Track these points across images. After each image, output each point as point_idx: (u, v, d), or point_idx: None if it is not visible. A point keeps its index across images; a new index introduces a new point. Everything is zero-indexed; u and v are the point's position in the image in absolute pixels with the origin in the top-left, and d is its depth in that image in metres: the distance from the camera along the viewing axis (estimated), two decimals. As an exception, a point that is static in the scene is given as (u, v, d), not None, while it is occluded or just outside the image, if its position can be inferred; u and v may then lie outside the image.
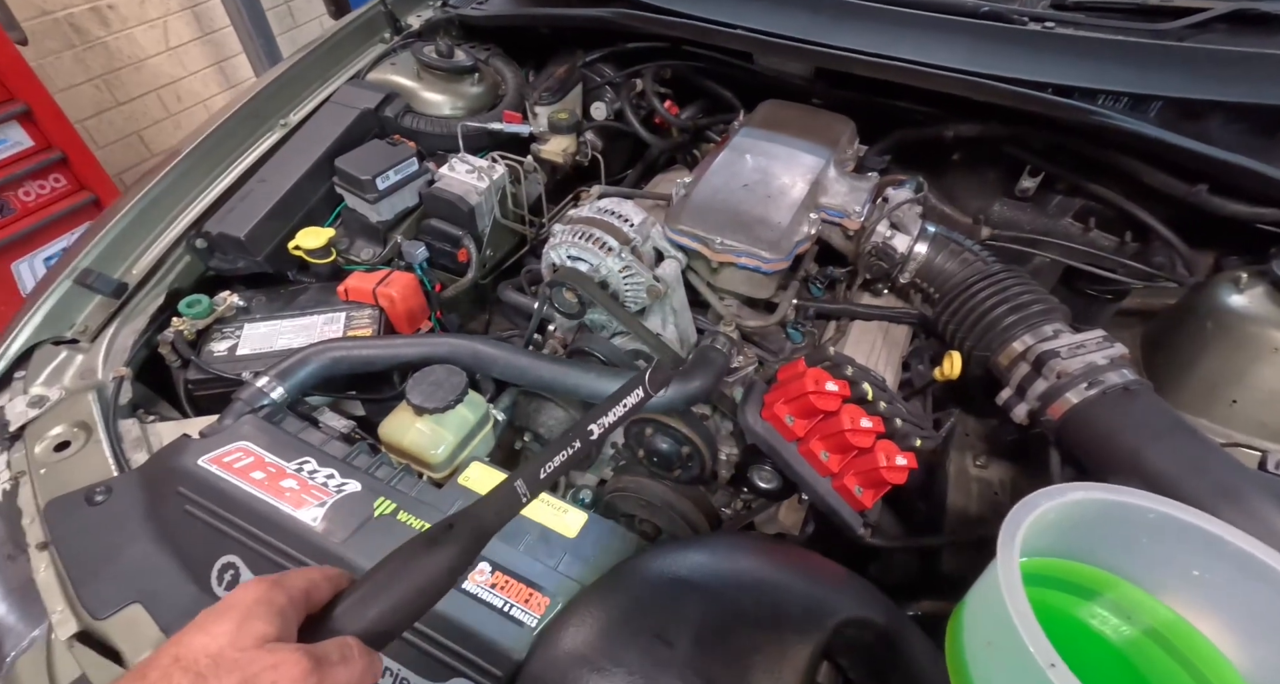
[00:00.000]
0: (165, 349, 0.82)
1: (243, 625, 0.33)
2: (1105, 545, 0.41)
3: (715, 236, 0.78)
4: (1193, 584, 0.38)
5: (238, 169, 0.96)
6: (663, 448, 0.89)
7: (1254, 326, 0.71)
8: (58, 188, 1.68)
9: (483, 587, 0.56)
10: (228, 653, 0.32)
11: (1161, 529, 0.39)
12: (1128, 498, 0.39)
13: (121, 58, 2.18)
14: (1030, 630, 0.32)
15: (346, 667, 0.34)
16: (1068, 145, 0.94)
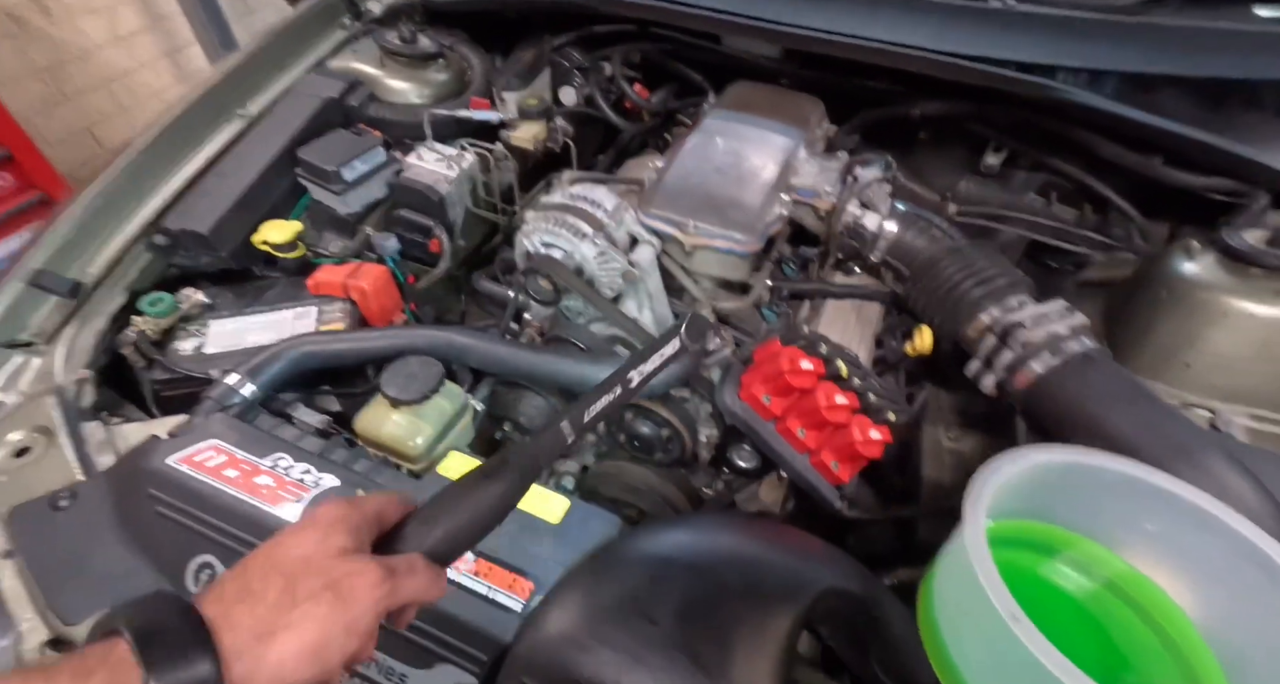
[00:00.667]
0: (128, 350, 0.80)
1: (326, 538, 0.37)
2: (1067, 505, 0.43)
3: (688, 220, 0.78)
4: (1148, 538, 0.40)
5: (195, 162, 0.92)
6: (643, 432, 0.90)
7: (1204, 293, 0.74)
8: (4, 187, 1.61)
9: (466, 574, 0.57)
10: (314, 559, 0.36)
11: (1118, 487, 0.40)
12: (1086, 458, 0.41)
13: (67, 49, 2.08)
14: (994, 586, 0.33)
15: (414, 578, 0.38)
16: (1030, 121, 0.96)
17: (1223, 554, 0.37)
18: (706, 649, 0.51)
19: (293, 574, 0.35)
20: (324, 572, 0.35)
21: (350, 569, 0.36)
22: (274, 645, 0.33)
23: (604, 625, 0.52)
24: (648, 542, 0.58)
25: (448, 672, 0.53)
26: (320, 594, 0.34)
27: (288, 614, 0.34)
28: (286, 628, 0.33)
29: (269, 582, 0.35)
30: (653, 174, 0.86)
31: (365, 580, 0.36)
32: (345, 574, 0.36)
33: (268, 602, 0.34)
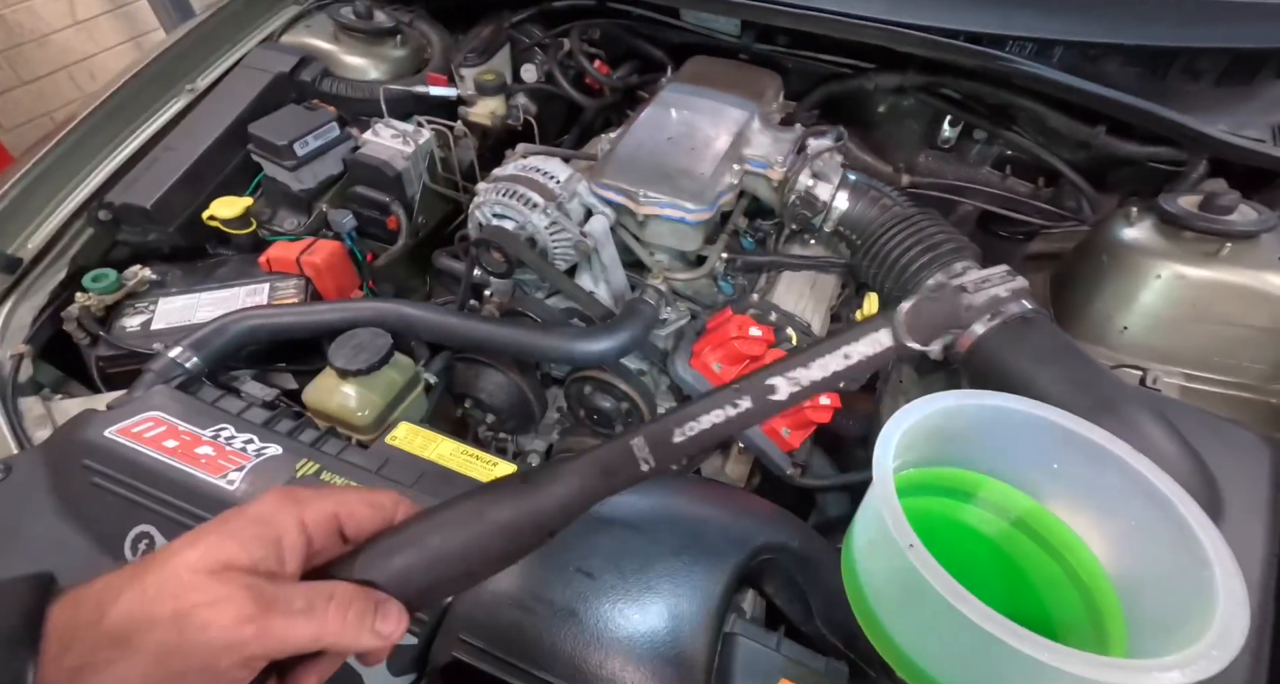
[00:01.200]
0: (71, 326, 0.78)
1: (215, 544, 0.29)
2: (979, 449, 0.44)
3: (639, 189, 0.78)
4: (1053, 477, 0.42)
5: (141, 136, 0.91)
6: (603, 406, 0.90)
7: (1141, 256, 0.76)
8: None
9: (407, 536, 0.57)
10: (179, 573, 0.29)
11: (1025, 428, 0.42)
12: (994, 400, 0.42)
13: (22, 33, 2.03)
14: (895, 518, 0.34)
15: (307, 619, 0.29)
16: (982, 94, 0.97)
17: (1120, 490, 0.38)
18: (642, 603, 0.51)
19: (144, 593, 0.28)
20: (175, 595, 0.28)
21: (210, 596, 0.28)
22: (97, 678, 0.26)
23: (541, 583, 0.52)
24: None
25: (387, 632, 0.53)
26: (157, 624, 0.27)
27: (110, 650, 0.27)
28: (106, 664, 0.27)
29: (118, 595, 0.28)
30: (606, 145, 0.86)
31: (221, 614, 0.27)
32: (200, 601, 0.27)
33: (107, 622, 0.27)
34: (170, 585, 0.28)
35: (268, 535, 0.30)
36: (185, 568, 0.29)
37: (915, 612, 0.37)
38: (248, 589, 0.28)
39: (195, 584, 0.28)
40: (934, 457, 0.44)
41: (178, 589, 0.28)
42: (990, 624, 0.31)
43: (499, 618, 0.51)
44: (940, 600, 0.31)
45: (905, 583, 0.35)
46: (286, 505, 0.32)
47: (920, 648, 0.37)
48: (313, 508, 0.32)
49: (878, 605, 0.39)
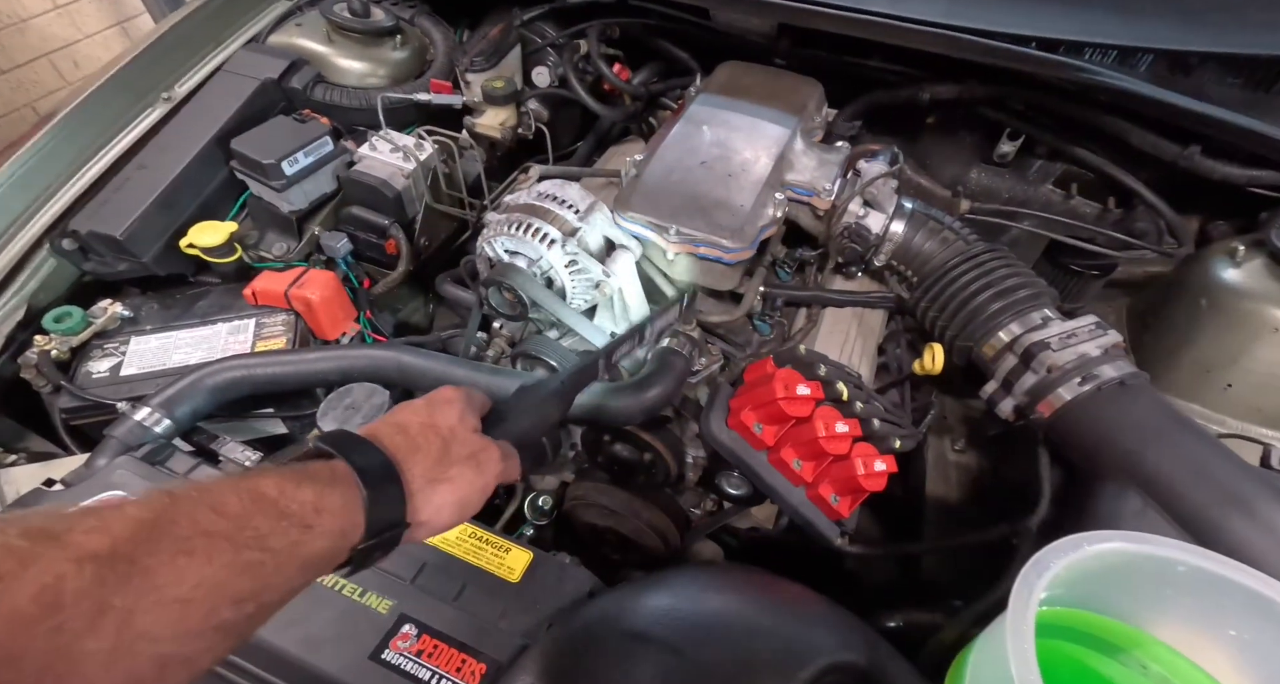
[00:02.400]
0: (30, 373, 0.70)
1: (464, 416, 0.45)
2: (1129, 597, 0.35)
3: (670, 223, 0.69)
4: (1229, 643, 0.33)
5: (110, 153, 0.81)
6: (624, 456, 0.81)
7: (1251, 303, 0.66)
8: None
9: (407, 655, 0.48)
10: (459, 431, 0.43)
11: (1193, 583, 0.32)
12: (1153, 549, 0.33)
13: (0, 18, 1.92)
14: None
15: (512, 462, 0.47)
16: (1050, 106, 0.86)
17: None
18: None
19: (446, 439, 0.42)
20: (467, 443, 0.43)
21: (484, 445, 0.44)
22: (437, 491, 0.40)
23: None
24: (619, 612, 0.50)
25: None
26: (468, 460, 0.42)
27: (447, 470, 0.41)
28: (447, 481, 0.41)
29: (429, 441, 0.41)
30: (631, 169, 0.76)
31: (493, 457, 0.44)
32: (481, 448, 0.44)
33: (433, 456, 0.41)
34: (459, 437, 0.43)
35: (473, 409, 0.46)
36: (462, 428, 0.44)
37: None
38: (497, 446, 0.45)
39: (475, 438, 0.44)
40: (1078, 598, 0.36)
41: (465, 440, 0.43)
42: None
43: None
44: None
45: None
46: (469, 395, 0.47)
47: None
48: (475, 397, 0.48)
49: None
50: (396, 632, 0.49)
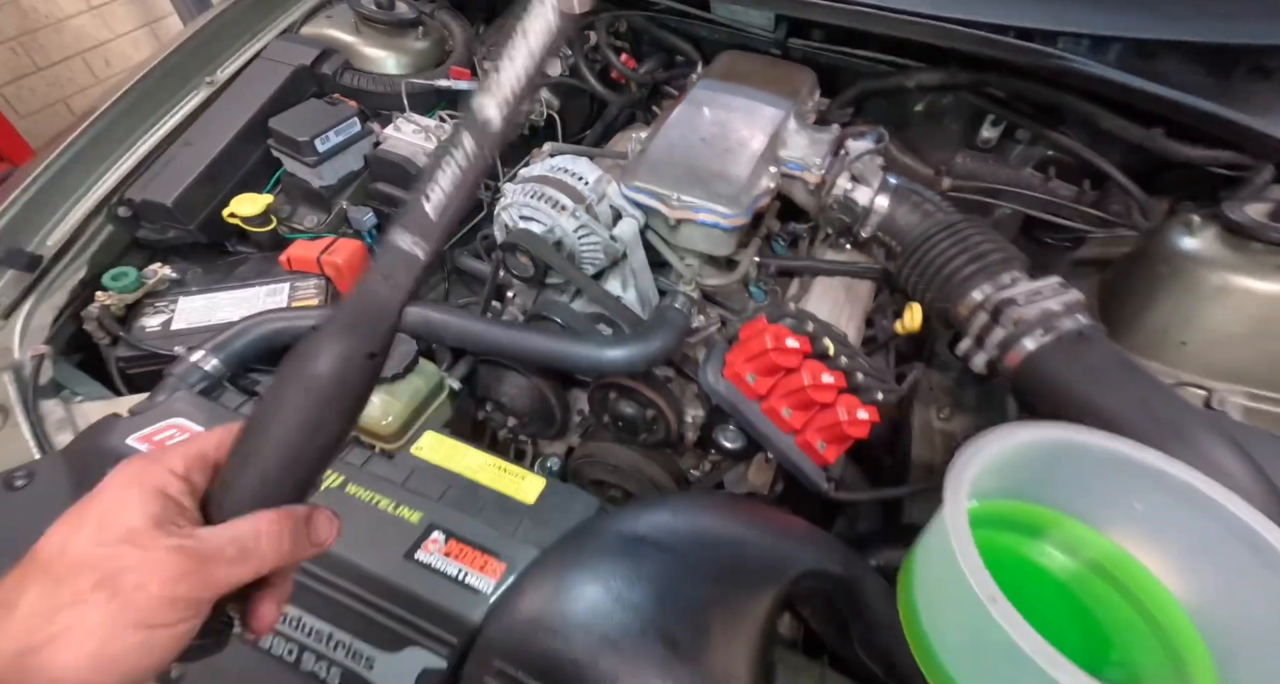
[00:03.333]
0: (91, 326, 0.77)
1: (106, 517, 0.29)
2: (1053, 484, 0.41)
3: (672, 193, 0.75)
4: (1135, 518, 0.39)
5: (160, 131, 0.89)
6: (627, 412, 0.88)
7: (1204, 268, 0.72)
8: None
9: (436, 555, 0.55)
10: (85, 551, 0.28)
11: (1105, 465, 0.39)
12: (1072, 435, 0.39)
13: (37, 18, 2.01)
14: (973, 568, 0.31)
15: (244, 564, 0.30)
16: (1028, 93, 0.93)
17: (1212, 533, 0.36)
18: (682, 632, 0.49)
19: (56, 575, 0.28)
20: (95, 566, 0.28)
21: (130, 562, 0.28)
22: (37, 663, 0.27)
23: (577, 608, 0.50)
24: (624, 523, 0.57)
25: (416, 655, 0.51)
26: (89, 597, 0.27)
27: (48, 624, 0.27)
28: (49, 642, 0.27)
29: (25, 588, 0.28)
30: (636, 145, 0.82)
31: (155, 576, 0.28)
32: (124, 568, 0.28)
33: (20, 612, 0.27)
34: (83, 563, 0.28)
35: (145, 494, 0.30)
36: (93, 544, 0.28)
37: (991, 666, 0.35)
38: (170, 548, 0.29)
39: (112, 554, 0.28)
40: (1003, 489, 0.42)
41: (92, 563, 0.28)
42: None
43: (534, 645, 0.49)
44: (1028, 663, 0.29)
45: (981, 635, 0.33)
46: (146, 464, 0.32)
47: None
48: (173, 455, 0.32)
49: (944, 654, 0.36)
50: (426, 537, 0.56)
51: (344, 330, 0.33)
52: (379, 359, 0.34)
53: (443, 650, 0.51)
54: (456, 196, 0.33)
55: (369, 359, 0.33)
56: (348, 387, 0.33)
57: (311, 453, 0.33)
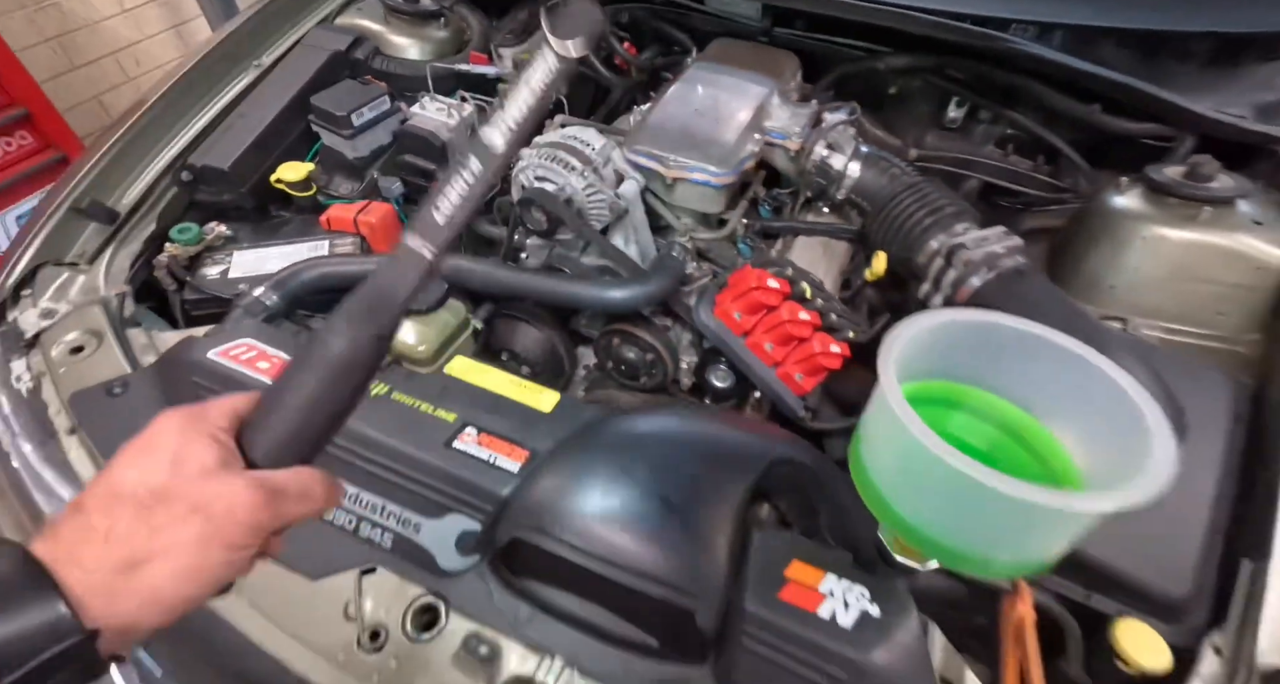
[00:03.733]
0: (161, 272, 0.88)
1: (179, 457, 0.33)
2: (973, 364, 0.51)
3: (669, 155, 0.86)
4: (1043, 391, 0.49)
5: (216, 106, 1.00)
6: (629, 356, 0.98)
7: (1131, 221, 0.83)
8: (24, 145, 1.68)
9: (470, 444, 0.65)
10: (171, 482, 0.32)
11: (1018, 344, 0.49)
12: (989, 317, 0.49)
13: (75, 19, 2.14)
14: (898, 404, 0.42)
15: (301, 504, 0.35)
16: (987, 75, 1.04)
17: (1102, 402, 0.45)
18: (676, 496, 0.60)
19: (145, 503, 0.31)
20: (184, 495, 0.32)
21: (220, 492, 0.32)
22: (140, 575, 0.30)
23: (590, 478, 0.61)
24: (627, 422, 0.67)
25: (457, 520, 0.62)
26: (186, 519, 0.31)
27: (148, 544, 0.31)
28: (151, 558, 0.30)
29: (115, 517, 0.31)
30: (638, 115, 0.94)
31: (241, 502, 0.32)
32: (214, 497, 0.32)
33: (116, 535, 0.31)
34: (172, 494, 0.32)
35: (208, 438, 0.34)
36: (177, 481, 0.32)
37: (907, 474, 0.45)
38: (250, 481, 0.33)
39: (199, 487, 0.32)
40: (927, 370, 0.52)
41: (181, 495, 0.32)
42: (974, 469, 0.38)
43: (553, 507, 0.59)
44: (927, 454, 0.39)
45: (911, 460, 0.43)
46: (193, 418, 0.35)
47: (913, 507, 0.45)
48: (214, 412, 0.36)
49: (887, 490, 0.47)
50: (461, 431, 0.66)
51: (357, 315, 0.37)
52: (385, 342, 0.38)
53: (478, 516, 0.62)
54: (462, 209, 0.38)
55: (377, 341, 0.38)
56: (358, 363, 0.37)
57: (324, 417, 0.37)
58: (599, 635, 0.58)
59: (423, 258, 0.38)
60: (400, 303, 0.38)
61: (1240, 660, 0.53)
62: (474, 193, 0.38)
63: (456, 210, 0.38)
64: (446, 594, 0.60)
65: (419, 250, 0.38)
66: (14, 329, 0.76)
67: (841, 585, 0.57)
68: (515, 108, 0.38)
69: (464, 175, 0.38)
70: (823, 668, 0.53)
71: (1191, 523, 0.59)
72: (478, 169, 0.38)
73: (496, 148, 0.38)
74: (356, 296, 0.38)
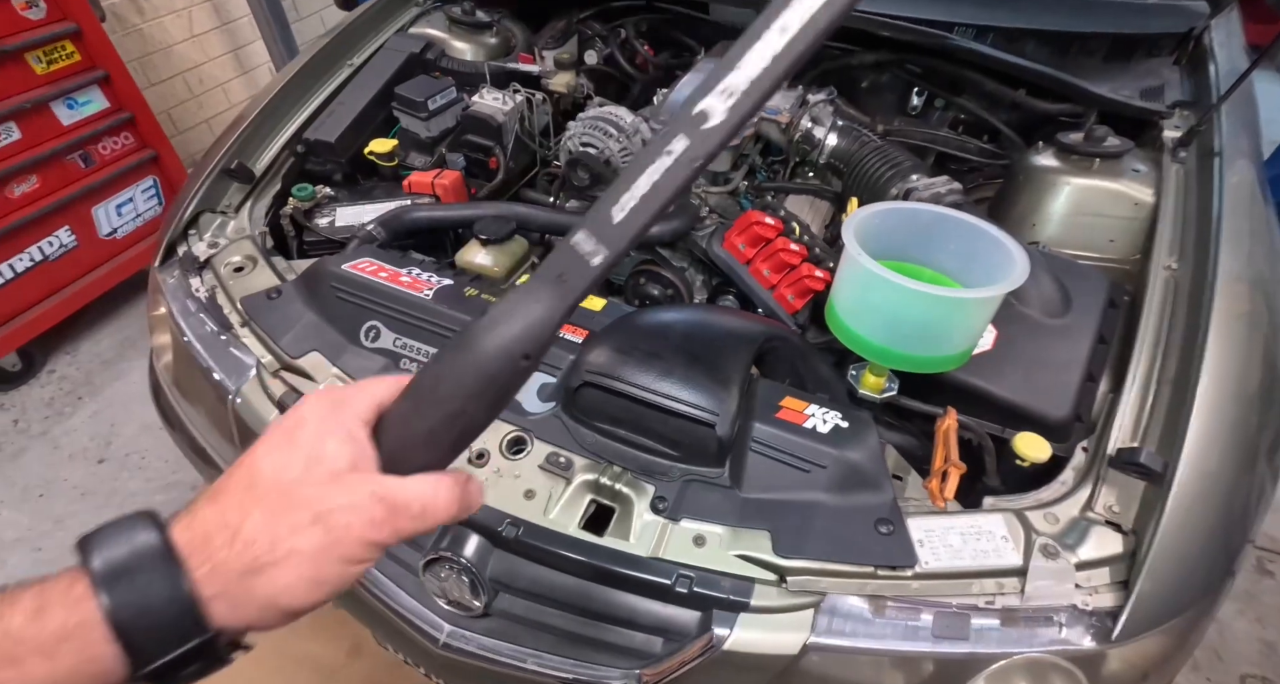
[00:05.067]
0: (285, 221, 1.12)
1: (313, 456, 0.33)
2: (906, 242, 0.74)
3: (685, 126, 1.11)
4: (951, 255, 0.72)
5: (321, 95, 1.25)
6: (653, 292, 1.21)
7: (1045, 173, 1.07)
8: (127, 144, 1.93)
9: (544, 324, 0.88)
10: (299, 487, 0.32)
11: (938, 223, 0.72)
12: (917, 205, 0.73)
13: (153, 43, 2.42)
14: (855, 251, 0.65)
15: (422, 520, 0.34)
16: (939, 68, 1.29)
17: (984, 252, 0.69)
18: (698, 352, 0.82)
19: (274, 506, 0.31)
20: (309, 502, 0.32)
21: (342, 502, 0.32)
22: (261, 582, 0.31)
23: (633, 340, 0.83)
24: (660, 310, 0.90)
25: (537, 377, 0.84)
26: (307, 530, 0.31)
27: (271, 551, 0.31)
28: (272, 565, 0.31)
29: (246, 513, 0.31)
30: (660, 97, 1.19)
31: (359, 519, 0.32)
32: (336, 508, 0.32)
33: (243, 536, 0.31)
34: (298, 499, 0.31)
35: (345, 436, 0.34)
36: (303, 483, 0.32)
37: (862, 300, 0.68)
38: (373, 495, 0.32)
39: (325, 495, 0.32)
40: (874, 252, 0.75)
41: (306, 500, 0.31)
42: (905, 281, 0.61)
43: (610, 361, 0.81)
44: (875, 278, 0.62)
45: (857, 281, 0.66)
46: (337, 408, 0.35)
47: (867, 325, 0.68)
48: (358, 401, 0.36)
49: (844, 314, 0.69)
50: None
51: (510, 329, 0.33)
52: (533, 362, 0.35)
53: (554, 372, 0.84)
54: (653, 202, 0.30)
55: (524, 360, 0.34)
56: (499, 384, 0.34)
57: (460, 428, 0.35)
58: (644, 450, 0.79)
59: (589, 266, 0.33)
60: (555, 322, 0.34)
61: (1098, 454, 0.74)
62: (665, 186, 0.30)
63: (643, 203, 0.30)
64: (530, 429, 0.82)
65: (587, 256, 0.32)
66: (190, 255, 0.99)
67: (821, 411, 0.78)
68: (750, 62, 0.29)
69: (663, 157, 0.30)
70: (807, 461, 0.75)
71: (1071, 369, 0.81)
72: (682, 149, 0.30)
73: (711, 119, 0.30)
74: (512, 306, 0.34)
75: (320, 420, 0.34)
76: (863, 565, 0.69)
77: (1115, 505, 0.69)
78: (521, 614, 0.76)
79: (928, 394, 0.85)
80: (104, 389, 1.97)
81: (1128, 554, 0.66)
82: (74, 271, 1.92)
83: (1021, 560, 0.66)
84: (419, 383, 0.36)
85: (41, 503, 1.70)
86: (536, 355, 0.35)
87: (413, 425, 0.35)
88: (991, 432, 0.83)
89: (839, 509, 0.73)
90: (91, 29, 1.76)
